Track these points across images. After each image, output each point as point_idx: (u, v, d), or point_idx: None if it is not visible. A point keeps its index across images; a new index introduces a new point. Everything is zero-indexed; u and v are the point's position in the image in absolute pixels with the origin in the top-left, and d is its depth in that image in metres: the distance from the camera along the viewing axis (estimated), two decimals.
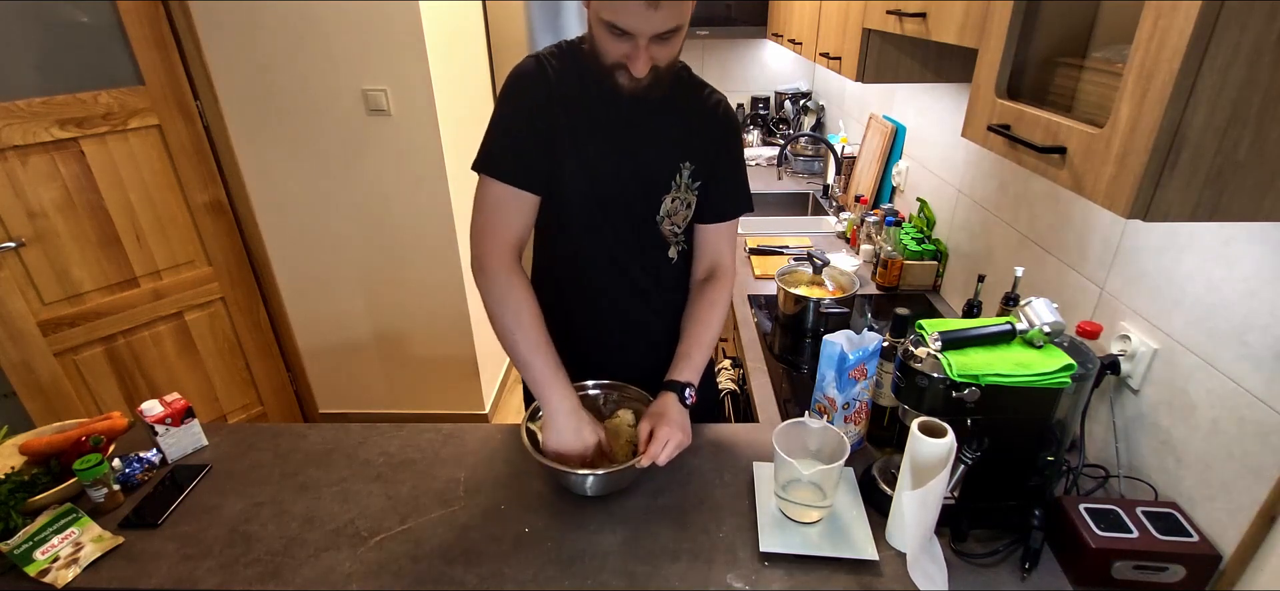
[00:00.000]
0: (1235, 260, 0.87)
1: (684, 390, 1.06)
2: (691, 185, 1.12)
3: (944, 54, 1.50)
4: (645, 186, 1.10)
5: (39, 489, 1.01)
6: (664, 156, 1.09)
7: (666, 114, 1.07)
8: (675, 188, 1.11)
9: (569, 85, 1.03)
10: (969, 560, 0.92)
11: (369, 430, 1.20)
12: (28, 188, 1.88)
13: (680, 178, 1.11)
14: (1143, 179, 0.60)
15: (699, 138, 1.11)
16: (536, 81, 1.02)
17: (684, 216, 1.15)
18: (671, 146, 1.09)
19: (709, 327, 1.14)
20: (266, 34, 2.10)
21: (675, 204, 1.12)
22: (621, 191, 1.09)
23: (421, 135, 2.25)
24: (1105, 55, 0.75)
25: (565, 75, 1.03)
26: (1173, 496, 0.96)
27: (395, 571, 0.92)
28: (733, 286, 1.20)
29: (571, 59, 1.05)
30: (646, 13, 0.88)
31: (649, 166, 1.09)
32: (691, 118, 1.10)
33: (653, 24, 0.89)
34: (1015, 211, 1.44)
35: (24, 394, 1.93)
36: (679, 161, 1.10)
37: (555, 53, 1.05)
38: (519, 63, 1.04)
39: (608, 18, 0.90)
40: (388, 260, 2.49)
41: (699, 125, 1.11)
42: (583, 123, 1.04)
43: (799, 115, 3.33)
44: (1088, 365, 0.89)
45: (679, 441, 1.01)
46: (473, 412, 2.81)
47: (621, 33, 0.91)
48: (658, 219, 1.12)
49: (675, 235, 1.16)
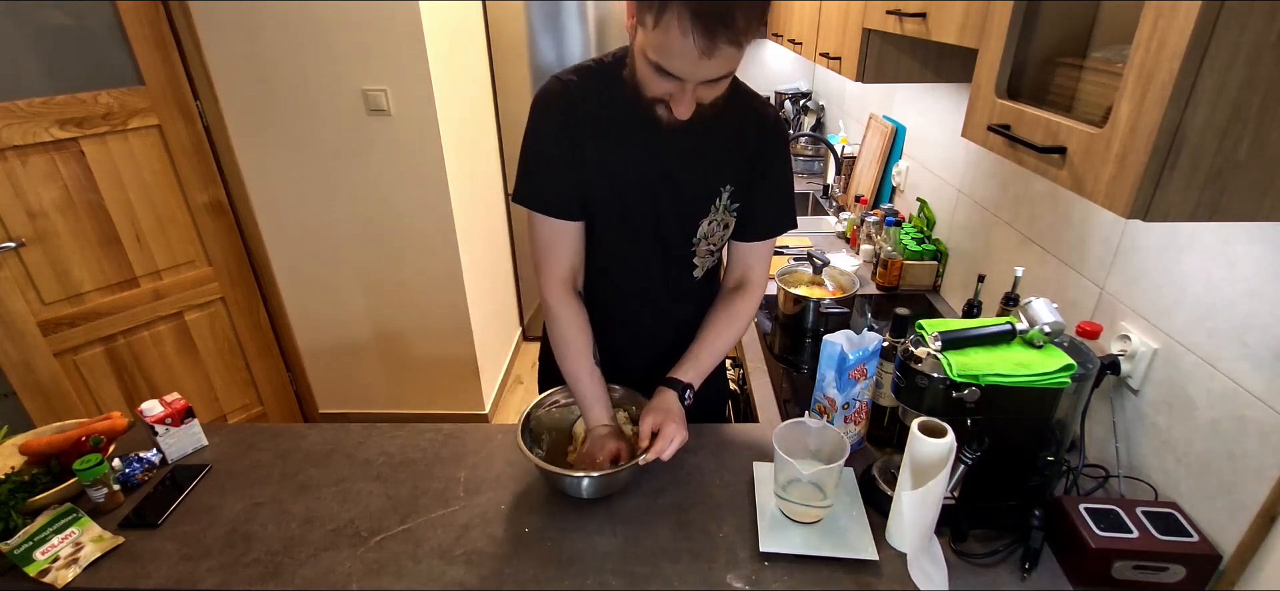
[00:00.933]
0: (1235, 260, 0.87)
1: (684, 390, 1.06)
2: (731, 207, 1.07)
3: (944, 54, 1.50)
4: (681, 212, 1.06)
5: (39, 489, 1.01)
6: (702, 180, 1.04)
7: (707, 134, 0.99)
8: (713, 212, 1.07)
9: (595, 104, 0.99)
10: (969, 560, 0.92)
11: (369, 430, 1.20)
12: (28, 188, 1.87)
13: (719, 202, 1.06)
14: (1143, 179, 0.60)
15: (741, 156, 1.04)
16: (562, 104, 0.99)
17: (721, 238, 1.11)
18: (711, 170, 1.04)
19: (723, 337, 1.11)
20: (266, 34, 2.10)
21: (712, 226, 1.08)
22: (654, 215, 1.06)
23: (421, 135, 2.25)
24: (1105, 55, 0.75)
25: (591, 95, 0.99)
26: (1173, 496, 0.96)
27: (395, 571, 0.92)
28: (760, 300, 1.16)
29: (600, 78, 1.00)
30: (699, 62, 0.81)
31: (685, 191, 1.04)
32: (735, 135, 1.03)
33: (703, 72, 0.83)
34: (1015, 211, 1.44)
35: (24, 394, 1.93)
36: (718, 186, 1.05)
37: (579, 71, 1.01)
38: (543, 86, 1.01)
39: (655, 59, 0.83)
40: (388, 260, 2.49)
41: (742, 143, 1.04)
42: (612, 144, 1.00)
43: (799, 115, 3.33)
44: (1088, 365, 0.89)
45: (682, 438, 1.01)
46: (473, 412, 2.81)
47: (668, 73, 0.84)
48: (693, 241, 1.10)
49: (710, 254, 1.14)
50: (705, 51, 0.79)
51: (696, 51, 0.79)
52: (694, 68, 0.82)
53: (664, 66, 0.83)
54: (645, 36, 0.83)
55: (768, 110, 1.07)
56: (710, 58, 0.80)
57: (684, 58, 0.81)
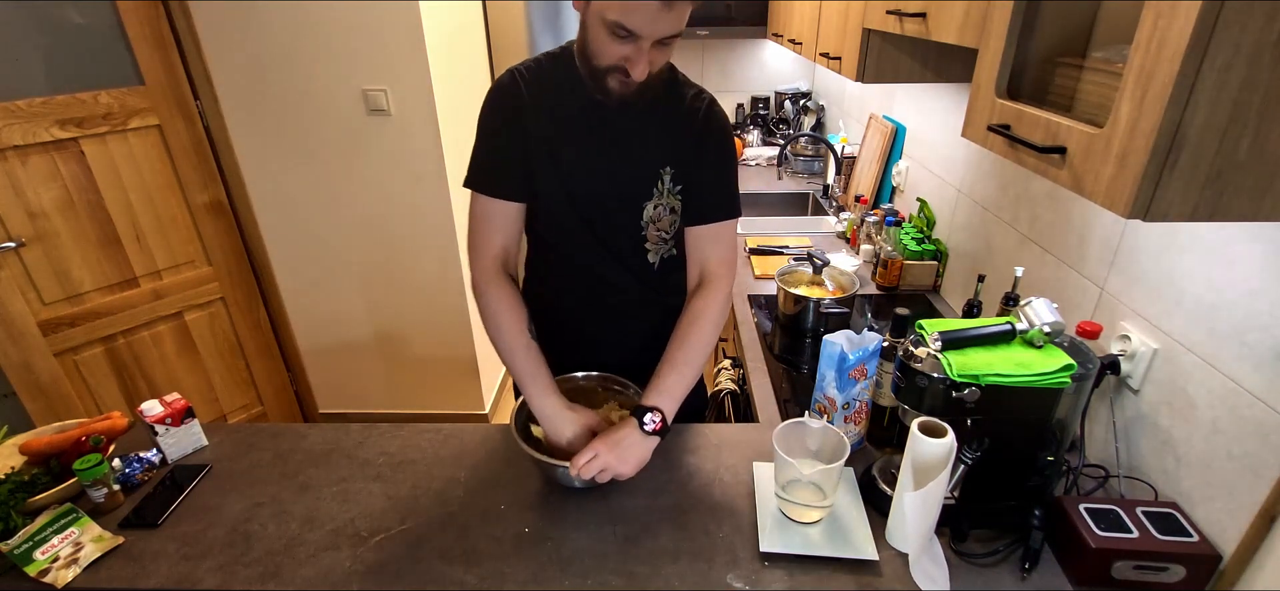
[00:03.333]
0: (1235, 260, 0.87)
1: (644, 415, 0.99)
2: (674, 190, 1.10)
3: (944, 54, 1.50)
4: (625, 195, 1.09)
5: (39, 489, 1.01)
6: (643, 163, 1.08)
7: (647, 119, 1.05)
8: (657, 194, 1.09)
9: (542, 94, 1.03)
10: (969, 560, 0.92)
11: (369, 430, 1.20)
12: (28, 188, 1.88)
13: (662, 184, 1.09)
14: (1143, 179, 0.60)
15: (680, 141, 1.08)
16: (508, 94, 1.04)
17: (670, 222, 1.13)
18: (651, 153, 1.08)
19: (687, 346, 1.06)
20: (266, 34, 2.10)
21: (658, 210, 1.11)
22: (600, 200, 1.09)
23: (421, 135, 2.25)
24: (1105, 55, 0.75)
25: (539, 85, 1.04)
26: (1173, 496, 0.96)
27: (395, 571, 0.92)
28: (727, 294, 1.12)
29: (548, 69, 1.05)
30: (658, 14, 0.86)
31: (627, 174, 1.08)
32: (673, 120, 1.07)
33: (661, 27, 0.87)
34: (1015, 211, 1.44)
35: (24, 394, 1.93)
36: (659, 168, 1.08)
37: (531, 64, 1.06)
38: (496, 79, 1.06)
39: (615, 18, 0.87)
40: (388, 260, 2.49)
41: (681, 127, 1.07)
42: (557, 131, 1.04)
43: (799, 115, 3.33)
44: (1088, 365, 0.89)
45: (607, 464, 0.95)
46: (473, 412, 2.81)
47: (625, 34, 0.88)
48: (641, 225, 1.12)
49: (662, 241, 1.15)
50: (665, 3, 0.84)
51: (657, 3, 0.84)
52: (653, 23, 0.87)
53: (624, 23, 0.87)
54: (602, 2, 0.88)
55: (704, 97, 1.10)
56: (669, 10, 0.86)
57: (644, 12, 0.85)
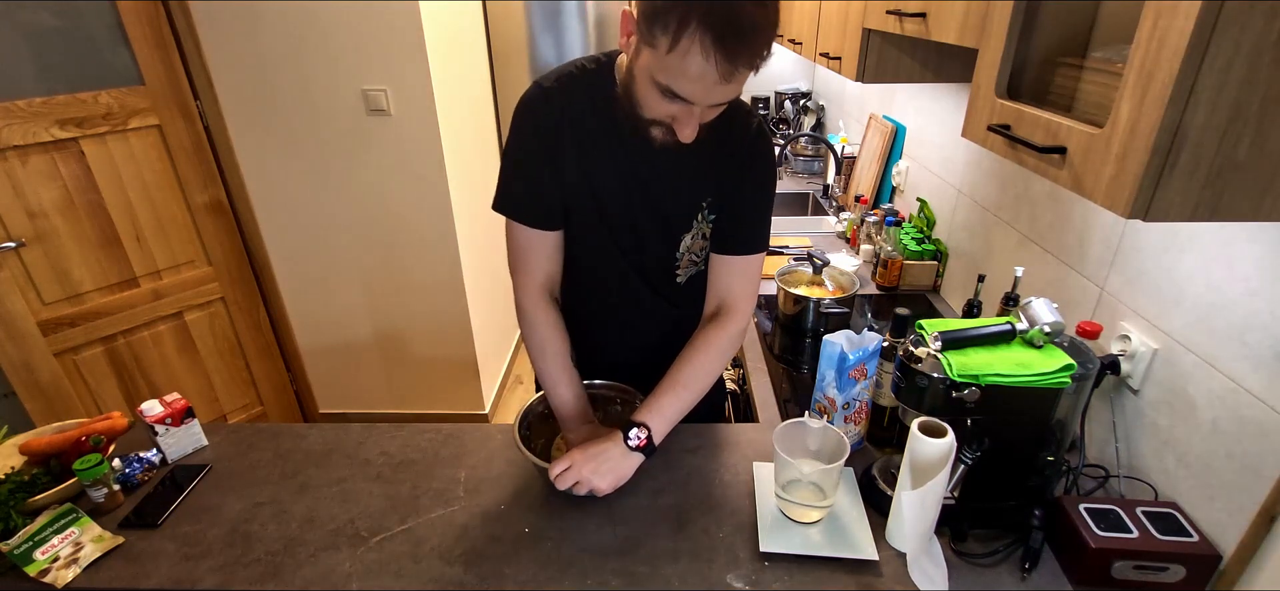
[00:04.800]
0: (1235, 260, 0.87)
1: (629, 430, 0.96)
2: (709, 217, 1.05)
3: (944, 54, 1.50)
4: (663, 225, 1.05)
5: (39, 489, 1.01)
6: (684, 193, 1.02)
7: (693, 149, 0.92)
8: (696, 225, 1.05)
9: (577, 112, 0.96)
10: (969, 560, 0.92)
11: (369, 430, 1.20)
12: (28, 188, 1.87)
13: (702, 215, 1.04)
14: (1143, 179, 0.60)
15: (724, 171, 1.00)
16: (540, 113, 0.96)
17: (701, 248, 1.10)
18: (693, 183, 1.01)
19: (692, 370, 1.02)
20: (266, 34, 2.10)
21: (695, 239, 1.08)
22: (637, 231, 1.04)
23: (421, 135, 2.25)
24: (1105, 55, 0.75)
25: (575, 99, 0.96)
26: (1173, 496, 0.96)
27: (395, 571, 0.92)
28: (744, 329, 1.07)
29: (582, 84, 0.97)
30: (714, 87, 0.78)
31: (667, 204, 1.02)
32: (721, 148, 0.98)
33: (717, 97, 0.80)
34: (1015, 211, 1.44)
35: (24, 394, 1.93)
36: (700, 199, 1.02)
37: (563, 78, 0.97)
38: (525, 93, 0.98)
39: (665, 83, 0.79)
40: (388, 260, 2.49)
41: (727, 156, 1.00)
42: (594, 158, 0.98)
43: (799, 115, 3.33)
44: (1088, 365, 0.89)
45: (582, 477, 0.94)
46: (473, 412, 2.81)
47: (675, 98, 0.80)
48: (677, 256, 1.09)
49: (693, 264, 1.12)
50: (725, 77, 0.76)
51: (716, 77, 0.76)
52: (708, 92, 0.79)
53: (675, 90, 0.79)
54: (653, 58, 0.78)
55: (754, 119, 1.01)
56: (728, 83, 0.78)
57: (701, 82, 0.77)
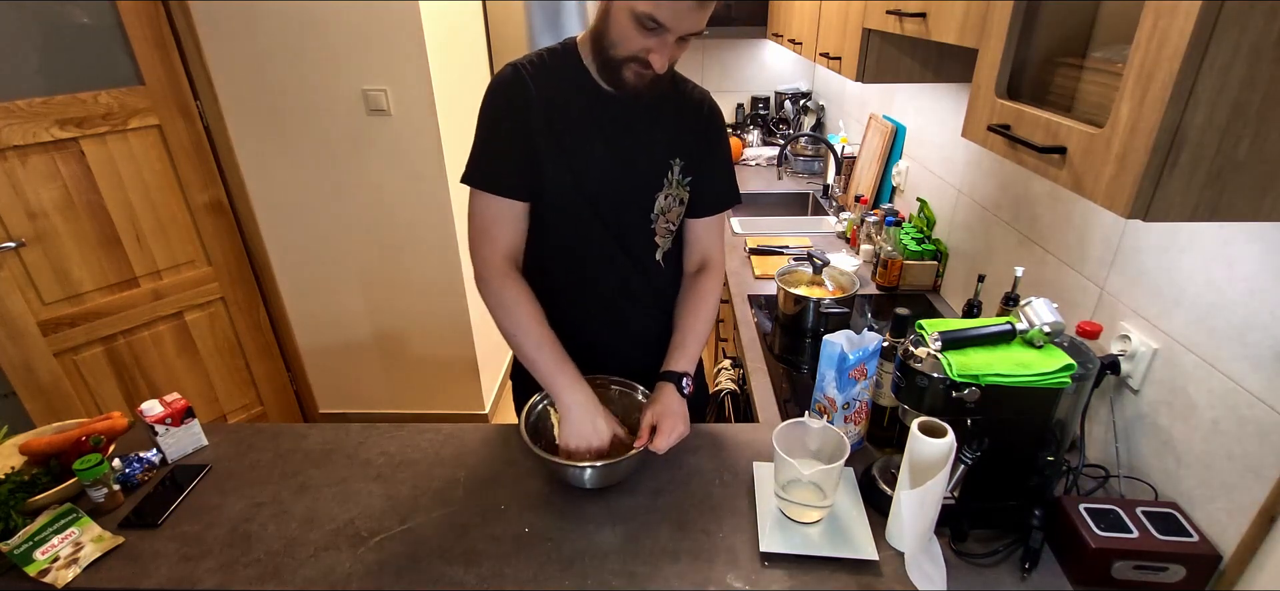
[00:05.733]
0: (1235, 260, 0.87)
1: (680, 380, 1.09)
2: (682, 181, 1.13)
3: (944, 54, 1.50)
4: (638, 187, 1.11)
5: (39, 489, 1.01)
6: (655, 155, 1.10)
7: (656, 112, 1.08)
8: (667, 185, 1.12)
9: (546, 88, 1.03)
10: (969, 560, 0.92)
11: (369, 430, 1.20)
12: (28, 188, 1.88)
13: (671, 175, 1.12)
14: (1143, 179, 0.60)
15: (687, 133, 1.12)
16: (513, 88, 1.03)
17: (677, 214, 1.16)
18: (662, 143, 1.10)
19: (701, 318, 1.16)
20: (266, 34, 2.10)
21: (668, 201, 1.13)
22: (613, 193, 1.09)
23: (421, 135, 2.25)
24: (1105, 55, 0.75)
25: (545, 80, 1.03)
26: (1173, 496, 0.96)
27: (395, 571, 0.92)
28: (722, 278, 1.23)
29: (551, 62, 1.05)
30: (689, 11, 0.89)
31: (640, 166, 1.10)
32: (678, 113, 1.11)
33: (688, 23, 0.91)
34: (1015, 211, 1.44)
35: (24, 394, 1.93)
36: (670, 159, 1.11)
37: (533, 58, 1.05)
38: (497, 73, 1.05)
39: (646, 10, 0.89)
40: (388, 260, 2.49)
41: (686, 121, 1.12)
42: (566, 126, 1.04)
43: (799, 115, 3.33)
44: (1088, 365, 0.89)
45: (681, 432, 1.04)
46: (473, 412, 2.81)
47: (653, 27, 0.91)
48: (652, 217, 1.13)
49: (669, 232, 1.17)
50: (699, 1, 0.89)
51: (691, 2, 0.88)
52: (683, 18, 0.90)
53: (655, 16, 0.89)
54: None
55: (704, 93, 1.15)
56: (699, 8, 0.90)
57: (676, 7, 0.89)
